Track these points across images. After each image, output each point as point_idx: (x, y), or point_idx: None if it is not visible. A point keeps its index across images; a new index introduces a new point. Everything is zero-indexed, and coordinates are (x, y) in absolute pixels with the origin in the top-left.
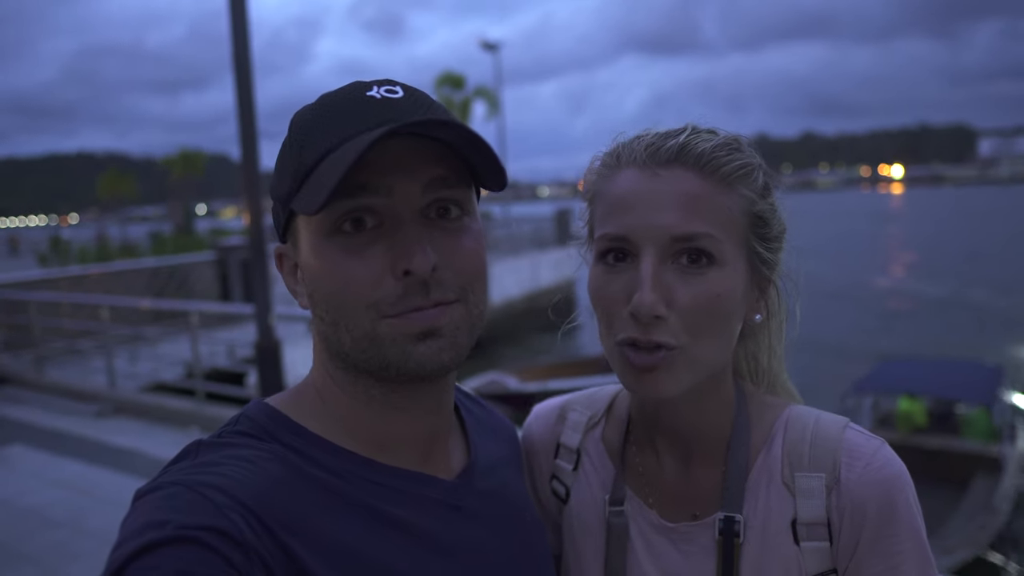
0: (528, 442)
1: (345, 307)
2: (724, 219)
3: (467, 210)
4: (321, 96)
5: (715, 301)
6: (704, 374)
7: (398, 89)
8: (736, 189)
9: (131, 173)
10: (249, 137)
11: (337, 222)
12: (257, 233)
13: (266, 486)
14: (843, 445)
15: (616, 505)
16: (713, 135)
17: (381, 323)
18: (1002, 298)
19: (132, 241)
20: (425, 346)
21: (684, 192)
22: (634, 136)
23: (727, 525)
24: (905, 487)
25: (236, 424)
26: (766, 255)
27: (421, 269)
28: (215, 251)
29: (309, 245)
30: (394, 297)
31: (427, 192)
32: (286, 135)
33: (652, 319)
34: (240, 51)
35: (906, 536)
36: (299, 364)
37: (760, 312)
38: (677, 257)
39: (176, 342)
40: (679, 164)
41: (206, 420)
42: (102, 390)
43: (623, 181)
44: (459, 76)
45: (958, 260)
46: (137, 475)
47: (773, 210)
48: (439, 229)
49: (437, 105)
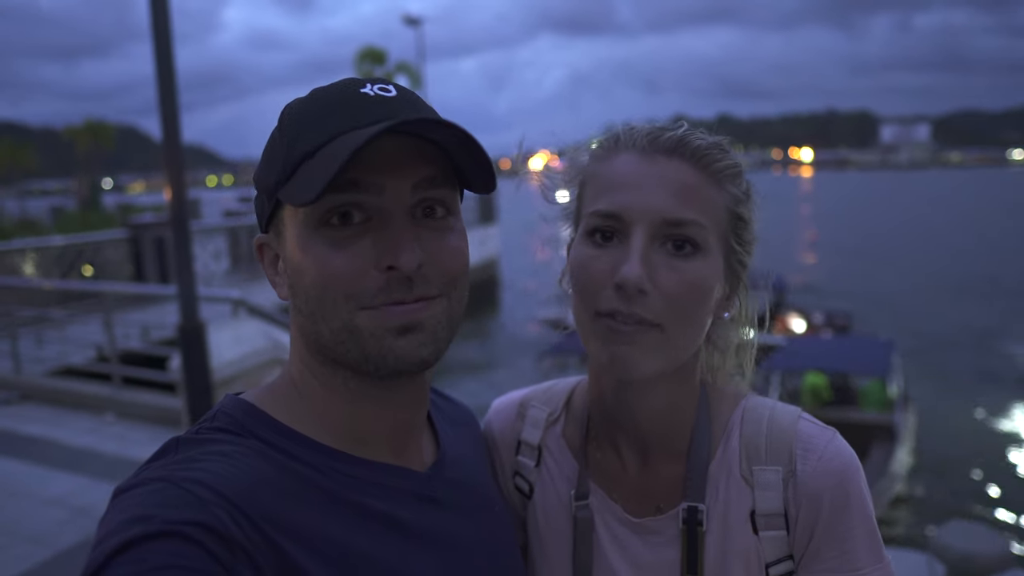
0: (489, 438)
1: (324, 299)
2: (711, 212)
3: (452, 210)
4: (314, 90)
5: (696, 288)
6: (675, 360)
7: (391, 88)
8: (725, 187)
9: (29, 144)
10: (170, 109)
11: (325, 215)
12: (179, 210)
13: (249, 481)
14: (797, 437)
15: (581, 500)
16: (707, 135)
17: (359, 315)
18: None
19: (32, 217)
20: (405, 340)
21: (680, 180)
22: (631, 126)
23: (691, 515)
24: (856, 475)
25: (213, 420)
26: (741, 255)
27: (407, 266)
28: (127, 229)
29: (295, 237)
30: (374, 290)
31: (416, 191)
32: (276, 126)
33: (636, 292)
34: (159, 18)
35: (858, 522)
36: (223, 347)
37: (729, 310)
38: (664, 241)
39: (85, 324)
40: (677, 155)
41: (123, 405)
42: (7, 375)
43: (621, 163)
44: (381, 51)
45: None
46: (50, 465)
47: (751, 215)
48: (425, 228)
49: (428, 106)
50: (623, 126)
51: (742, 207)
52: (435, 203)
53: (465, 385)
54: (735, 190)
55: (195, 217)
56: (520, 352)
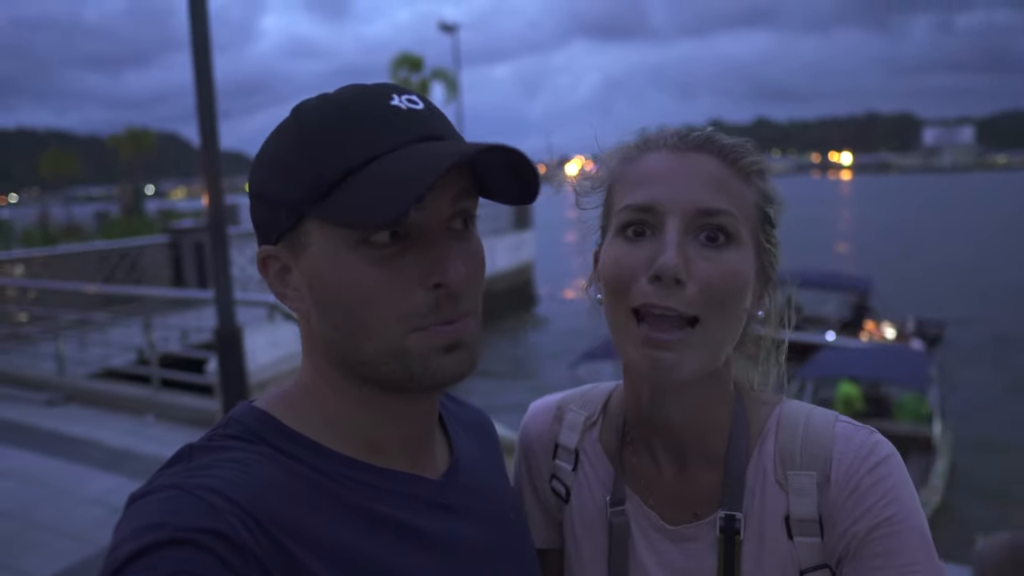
0: (526, 441)
1: (373, 319)
2: (742, 205)
3: (474, 220)
4: (328, 97)
5: (733, 279)
6: (713, 359)
7: (418, 100)
8: (753, 182)
9: (74, 151)
10: (208, 117)
11: (367, 233)
12: (217, 216)
13: (262, 488)
14: (835, 440)
15: (617, 505)
16: (731, 137)
17: (411, 336)
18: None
19: (77, 222)
20: (451, 358)
21: (710, 173)
22: (659, 129)
23: (728, 523)
24: (898, 468)
25: (226, 427)
26: (771, 251)
27: (456, 284)
28: (167, 234)
29: (326, 254)
30: (425, 309)
31: (454, 203)
32: (290, 133)
33: (673, 283)
34: (199, 28)
35: (905, 515)
36: (259, 350)
37: (762, 309)
38: (698, 233)
39: (126, 327)
40: (705, 150)
41: (162, 407)
42: (51, 377)
43: (651, 160)
44: (417, 58)
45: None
46: (91, 465)
47: (775, 214)
48: (461, 240)
49: (447, 118)
50: (646, 132)
51: (769, 206)
52: (467, 215)
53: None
54: (763, 187)
55: (233, 222)
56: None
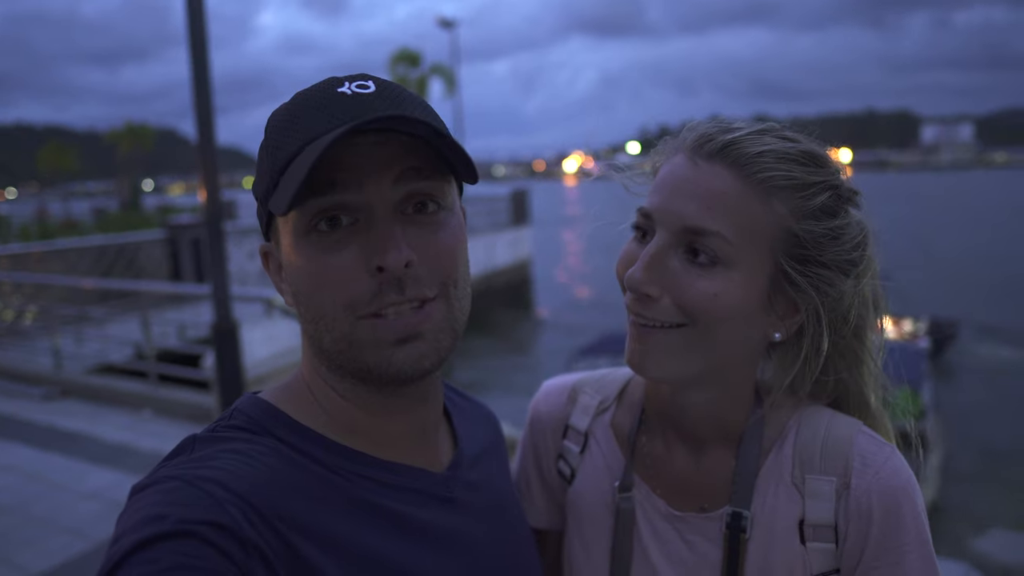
0: (536, 419)
1: (323, 307)
2: (747, 225)
3: (444, 204)
4: (295, 94)
5: (711, 300)
6: (701, 364)
7: (370, 84)
8: (772, 200)
9: (74, 147)
10: (205, 112)
11: (312, 220)
12: (213, 211)
13: (264, 480)
14: (855, 450)
15: (625, 491)
16: (784, 141)
17: (358, 324)
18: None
19: (75, 217)
20: (404, 352)
21: (712, 188)
22: (701, 121)
23: (734, 520)
24: (913, 495)
25: (230, 419)
26: (796, 277)
27: (394, 265)
28: (165, 229)
29: (288, 244)
30: (369, 295)
31: (399, 184)
32: (263, 135)
33: (643, 296)
34: (196, 24)
35: (913, 546)
36: (256, 345)
37: (780, 331)
38: (686, 248)
39: (124, 323)
40: (719, 160)
41: (159, 402)
42: (48, 372)
43: (670, 164)
44: (415, 53)
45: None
46: (88, 460)
47: (823, 234)
48: (415, 224)
49: (408, 98)
50: (696, 124)
51: (801, 225)
52: (425, 197)
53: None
54: (789, 205)
55: (231, 218)
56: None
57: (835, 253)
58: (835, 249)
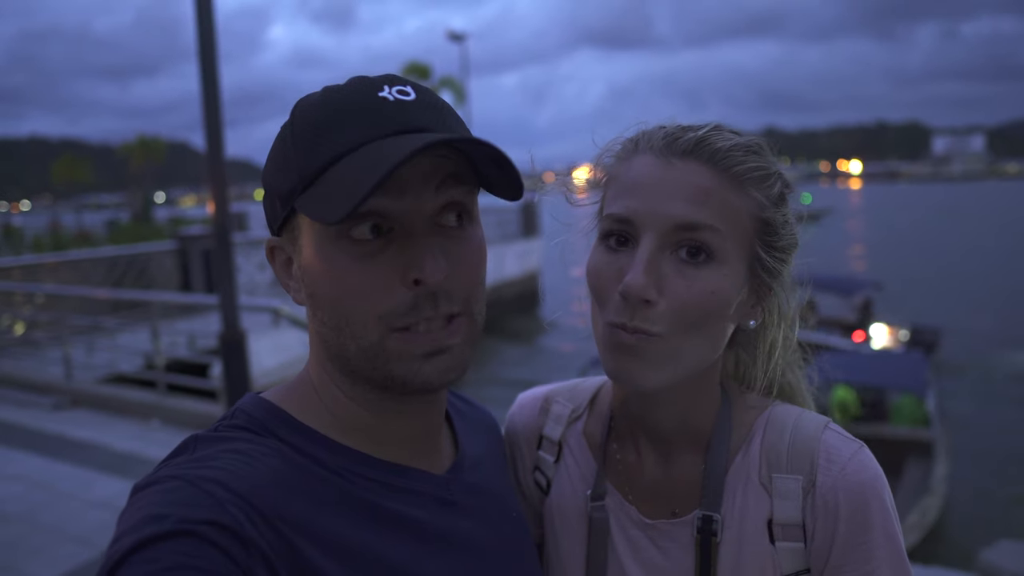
0: (512, 432)
1: (353, 316)
2: (730, 217)
3: (472, 217)
4: (327, 91)
5: (709, 298)
6: (685, 371)
7: (409, 90)
8: (747, 191)
9: (87, 159)
10: (214, 125)
11: (347, 227)
12: (222, 223)
13: (265, 480)
14: (820, 447)
15: (597, 500)
16: (736, 135)
17: (390, 337)
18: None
19: (88, 229)
20: (432, 365)
21: (694, 184)
22: (657, 125)
23: (705, 524)
24: (880, 491)
25: (232, 418)
26: (769, 263)
27: (433, 279)
28: (176, 240)
29: (314, 246)
30: (404, 308)
31: (440, 193)
32: (288, 127)
33: (640, 303)
34: (206, 39)
35: (881, 542)
36: (264, 355)
37: (755, 318)
38: (677, 248)
39: (135, 333)
40: (694, 157)
41: (168, 412)
42: (59, 382)
43: (637, 165)
44: (425, 66)
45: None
46: (97, 469)
47: (785, 221)
48: (447, 238)
49: (445, 108)
50: (646, 126)
51: (771, 212)
52: (458, 207)
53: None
54: (760, 194)
55: (242, 229)
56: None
57: (788, 237)
58: (787, 233)
